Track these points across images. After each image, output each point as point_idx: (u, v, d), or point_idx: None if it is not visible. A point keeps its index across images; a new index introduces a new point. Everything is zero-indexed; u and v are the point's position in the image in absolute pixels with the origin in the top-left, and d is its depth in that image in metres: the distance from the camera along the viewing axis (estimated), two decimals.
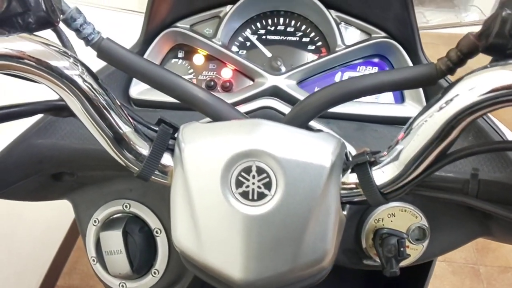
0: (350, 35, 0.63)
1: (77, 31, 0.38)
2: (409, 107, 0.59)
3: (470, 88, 0.30)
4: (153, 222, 0.58)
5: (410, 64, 0.59)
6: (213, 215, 0.36)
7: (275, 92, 0.61)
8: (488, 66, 0.30)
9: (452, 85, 0.32)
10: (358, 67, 0.63)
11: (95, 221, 0.60)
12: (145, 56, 0.62)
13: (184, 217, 0.37)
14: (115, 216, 0.59)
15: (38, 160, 0.52)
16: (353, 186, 0.38)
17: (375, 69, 0.63)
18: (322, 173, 0.35)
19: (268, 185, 0.35)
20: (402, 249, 0.51)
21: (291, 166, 0.35)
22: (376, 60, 0.63)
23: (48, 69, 0.32)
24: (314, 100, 0.41)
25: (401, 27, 0.58)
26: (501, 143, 0.36)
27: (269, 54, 0.65)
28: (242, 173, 0.35)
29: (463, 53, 0.36)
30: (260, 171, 0.35)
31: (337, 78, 0.63)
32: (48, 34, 0.36)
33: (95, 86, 0.35)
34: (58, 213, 1.90)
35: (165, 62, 0.66)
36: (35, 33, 0.34)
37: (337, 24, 0.62)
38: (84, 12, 0.38)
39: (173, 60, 0.66)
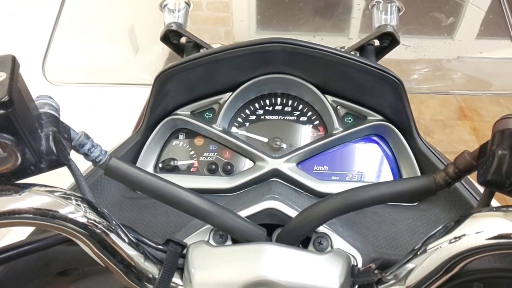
0: (346, 116, 0.65)
1: (85, 155, 0.40)
2: None
3: (477, 231, 0.31)
4: None
5: (407, 146, 0.61)
6: None
7: (276, 175, 0.62)
8: (494, 209, 0.32)
9: (462, 219, 0.33)
10: (355, 145, 0.65)
11: None
12: (148, 142, 0.64)
13: None
14: None
15: (45, 263, 0.53)
16: None
17: (373, 145, 0.65)
18: None
19: None
20: None
21: None
22: (373, 137, 0.65)
23: (56, 220, 0.33)
24: (318, 212, 0.42)
25: (396, 113, 0.60)
26: (500, 270, 0.37)
27: (268, 135, 0.66)
28: None
29: (460, 170, 0.38)
30: None
31: (336, 155, 0.65)
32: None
33: (98, 219, 0.36)
34: None
35: (166, 145, 0.67)
36: None
37: (333, 108, 0.64)
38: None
39: (174, 142, 0.67)
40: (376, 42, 0.68)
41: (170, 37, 0.70)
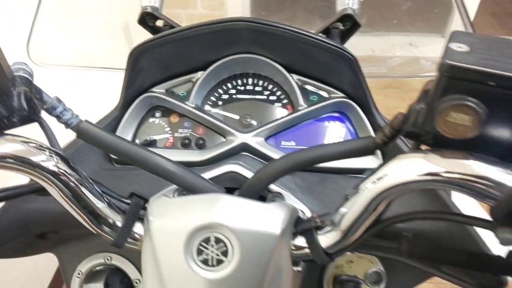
0: (311, 94, 0.70)
1: (58, 117, 0.44)
2: (366, 159, 0.64)
3: (396, 171, 0.36)
4: (133, 273, 0.63)
5: (366, 121, 0.65)
6: (177, 279, 0.41)
7: (245, 149, 0.66)
8: (414, 152, 0.36)
9: (385, 163, 0.37)
10: (320, 122, 0.69)
11: (79, 274, 0.64)
12: (124, 119, 0.68)
13: (152, 280, 0.42)
14: (97, 268, 0.64)
15: (24, 224, 0.57)
16: (303, 247, 0.43)
17: (336, 123, 0.69)
18: (273, 241, 0.40)
19: (225, 253, 0.40)
20: None
21: (245, 235, 0.40)
22: (336, 115, 0.69)
23: (28, 165, 0.38)
24: (269, 171, 0.47)
25: (355, 90, 0.64)
26: (420, 213, 0.41)
27: (239, 112, 0.71)
28: (202, 243, 0.40)
29: (394, 130, 0.42)
30: (218, 240, 0.40)
31: (302, 131, 0.69)
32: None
33: (69, 171, 0.41)
34: (38, 269, 1.89)
35: (143, 122, 0.71)
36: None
37: (299, 87, 0.68)
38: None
39: (151, 120, 0.72)
40: (341, 27, 0.72)
41: (147, 20, 0.74)
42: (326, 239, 0.42)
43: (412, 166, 0.35)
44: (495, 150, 0.32)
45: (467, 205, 0.49)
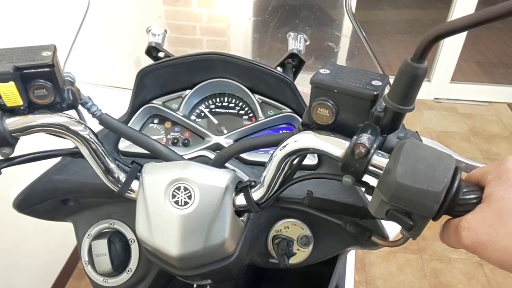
0: (269, 109, 0.94)
1: (88, 109, 0.68)
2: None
3: (293, 142, 0.57)
4: (129, 234, 0.84)
5: None
6: (159, 214, 0.63)
7: (217, 147, 0.89)
8: (303, 132, 0.57)
9: (290, 135, 0.58)
10: (274, 131, 0.93)
11: (88, 235, 0.86)
12: (130, 122, 0.92)
13: (142, 217, 0.64)
14: (103, 230, 0.86)
15: (54, 189, 0.80)
16: (243, 201, 0.65)
17: (286, 131, 0.92)
18: (220, 191, 0.63)
19: (190, 197, 0.62)
20: (290, 248, 0.77)
21: (203, 186, 0.62)
22: (285, 125, 0.92)
23: (71, 132, 0.61)
24: (227, 151, 0.70)
25: (298, 107, 0.88)
26: (316, 174, 0.64)
27: (215, 122, 0.94)
28: (175, 190, 0.62)
29: (301, 123, 0.65)
30: (185, 189, 0.62)
31: None
32: None
33: (96, 140, 0.64)
34: (54, 249, 2.12)
35: (144, 126, 0.95)
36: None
37: (259, 104, 0.92)
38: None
39: (150, 125, 0.95)
40: (292, 62, 0.97)
41: (152, 52, 1.00)
42: (257, 194, 0.64)
43: (301, 139, 0.57)
44: (344, 131, 0.55)
45: None
